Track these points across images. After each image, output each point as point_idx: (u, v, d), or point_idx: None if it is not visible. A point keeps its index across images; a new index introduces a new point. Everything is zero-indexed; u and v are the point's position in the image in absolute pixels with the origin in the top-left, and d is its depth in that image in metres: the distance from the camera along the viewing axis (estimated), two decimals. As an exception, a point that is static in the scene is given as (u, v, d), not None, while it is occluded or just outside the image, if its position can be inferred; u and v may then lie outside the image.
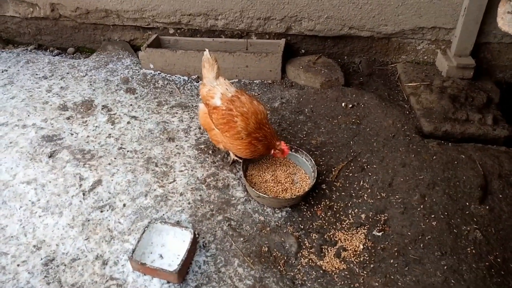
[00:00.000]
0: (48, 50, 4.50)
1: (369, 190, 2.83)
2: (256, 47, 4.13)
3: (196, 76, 3.95)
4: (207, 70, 2.86)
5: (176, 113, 3.53)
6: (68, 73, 4.00)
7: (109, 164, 3.01)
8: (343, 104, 3.52)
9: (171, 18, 4.12)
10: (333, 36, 4.08)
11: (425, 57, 4.11)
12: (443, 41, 3.96)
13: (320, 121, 3.40)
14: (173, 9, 4.05)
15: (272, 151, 2.76)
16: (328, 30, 3.99)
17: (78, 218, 2.64)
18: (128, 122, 3.41)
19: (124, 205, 2.72)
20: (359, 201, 2.77)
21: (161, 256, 2.40)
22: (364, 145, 3.15)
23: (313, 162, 2.82)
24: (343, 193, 2.83)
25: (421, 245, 2.46)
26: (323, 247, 2.50)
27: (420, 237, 2.50)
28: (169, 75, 3.99)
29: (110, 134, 3.29)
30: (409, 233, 2.53)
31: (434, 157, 2.94)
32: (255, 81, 3.92)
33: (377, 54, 4.19)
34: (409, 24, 3.86)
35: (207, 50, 2.88)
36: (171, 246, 2.45)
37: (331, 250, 2.49)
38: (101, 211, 2.68)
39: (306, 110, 3.54)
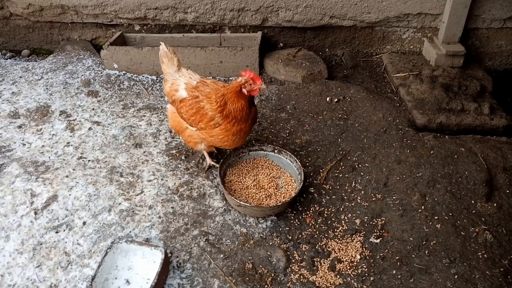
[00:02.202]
0: (0, 53, 4.06)
1: (363, 192, 2.54)
2: (231, 42, 3.80)
3: (165, 75, 3.59)
4: (166, 65, 2.61)
5: (144, 116, 3.17)
6: (21, 77, 3.58)
7: (67, 176, 2.63)
8: (327, 98, 3.23)
9: (136, 13, 3.76)
10: (313, 27, 3.79)
11: (411, 47, 3.87)
12: (429, 28, 3.73)
13: (303, 118, 3.10)
14: (137, 3, 3.69)
15: (247, 93, 2.33)
16: (308, 20, 3.70)
17: (28, 241, 2.26)
18: (90, 128, 3.04)
19: (84, 223, 2.36)
20: (352, 204, 2.49)
21: (127, 281, 2.09)
22: (353, 142, 2.86)
23: (299, 163, 2.52)
24: (333, 197, 2.54)
25: (426, 252, 2.17)
26: (315, 259, 2.22)
27: (424, 242, 2.22)
28: (135, 75, 3.63)
29: (68, 143, 2.91)
30: (411, 239, 2.25)
31: (432, 152, 2.67)
32: (231, 78, 3.59)
33: (361, 45, 3.92)
34: (394, 10, 3.61)
35: (162, 43, 2.61)
36: (139, 269, 2.14)
37: (324, 263, 2.21)
38: (57, 232, 2.31)
39: (288, 107, 3.23)
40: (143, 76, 3.62)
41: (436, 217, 2.32)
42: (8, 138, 2.93)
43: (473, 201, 2.39)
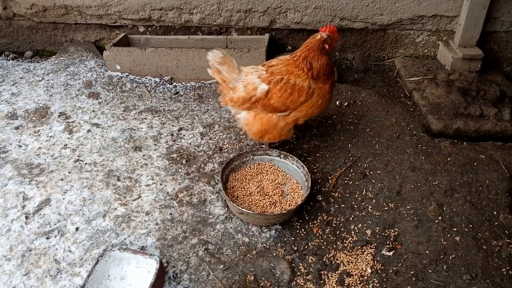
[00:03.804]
0: (3, 55, 3.99)
1: (374, 201, 2.37)
2: (237, 44, 3.68)
3: (169, 77, 3.48)
4: (227, 72, 2.45)
5: (145, 118, 3.05)
6: (22, 78, 3.50)
7: (62, 179, 2.51)
8: (337, 102, 3.08)
9: (140, 14, 3.66)
10: (322, 30, 3.65)
11: (425, 50, 3.71)
12: (444, 31, 3.57)
13: (312, 122, 2.95)
14: (142, 3, 3.60)
15: (328, 48, 2.36)
16: (317, 22, 3.57)
17: (17, 247, 2.14)
18: (89, 131, 2.92)
19: (77, 229, 2.23)
20: (363, 214, 2.32)
21: (119, 293, 1.92)
22: (364, 148, 2.70)
23: (306, 169, 2.37)
24: (343, 205, 2.37)
25: (444, 267, 1.99)
26: (322, 272, 2.06)
27: (441, 256, 2.04)
28: (138, 77, 3.51)
29: (66, 145, 2.79)
30: (427, 252, 2.07)
31: (449, 159, 2.49)
32: (236, 81, 3.46)
33: (372, 49, 3.77)
34: (407, 12, 3.46)
35: (215, 50, 2.45)
36: (133, 279, 2.00)
37: (332, 276, 2.04)
38: (47, 238, 2.18)
39: (296, 110, 3.08)
40: (146, 78, 3.51)
41: (454, 229, 2.14)
42: (4, 139, 2.83)
43: (495, 212, 2.20)
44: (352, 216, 2.31)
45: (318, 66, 2.34)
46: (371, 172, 2.53)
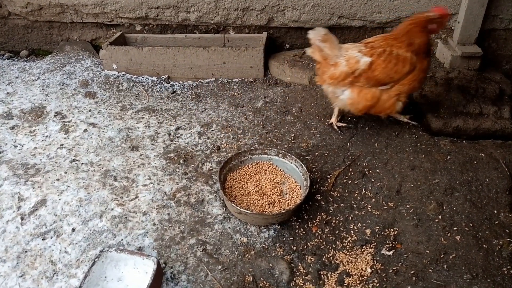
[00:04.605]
0: (-2, 54, 3.96)
1: (373, 200, 2.35)
2: (235, 43, 3.66)
3: (166, 76, 3.45)
4: (330, 49, 2.48)
5: (142, 118, 3.02)
6: (17, 77, 3.46)
7: (58, 180, 2.48)
8: (336, 101, 3.05)
9: (137, 13, 3.63)
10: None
11: (424, 49, 3.69)
12: (443, 29, 3.54)
13: (310, 121, 2.92)
14: (138, 2, 3.56)
15: (432, 27, 2.42)
16: (315, 20, 3.54)
17: (12, 249, 2.11)
18: (85, 130, 2.89)
19: (73, 229, 2.20)
20: (362, 213, 2.30)
21: (116, 294, 1.90)
22: (363, 147, 2.67)
23: (305, 168, 2.34)
24: (342, 205, 2.35)
25: (445, 266, 1.97)
26: (321, 272, 2.03)
27: (442, 255, 2.02)
28: (135, 76, 3.48)
29: (62, 145, 2.76)
30: (427, 251, 2.05)
31: (449, 157, 2.47)
32: (234, 80, 3.43)
33: (370, 47, 3.75)
34: (406, 10, 3.44)
35: (317, 28, 2.48)
36: (130, 280, 1.98)
37: (331, 276, 2.02)
38: (43, 239, 2.15)
39: (294, 109, 3.06)
40: (143, 77, 3.48)
41: (455, 228, 2.12)
42: (-1, 139, 2.80)
43: (495, 211, 2.18)
44: (352, 216, 2.29)
45: (419, 43, 2.40)
46: (370, 171, 2.51)
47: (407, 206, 2.28)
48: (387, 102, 2.51)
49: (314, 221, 2.26)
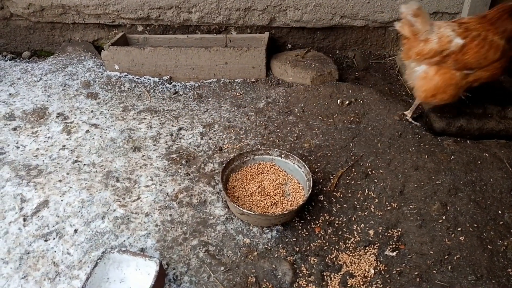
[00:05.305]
0: (0, 55, 3.95)
1: (377, 200, 2.34)
2: (236, 43, 3.65)
3: (168, 77, 3.44)
4: (421, 23, 2.42)
5: (144, 118, 3.01)
6: (19, 79, 3.46)
7: (60, 181, 2.48)
8: (338, 101, 3.04)
9: (139, 13, 3.62)
10: (323, 28, 3.62)
11: (427, 48, 3.67)
12: None
13: (312, 122, 2.91)
14: (140, 2, 3.56)
15: None
16: (317, 20, 3.53)
17: (15, 250, 2.10)
18: (87, 131, 2.89)
19: (76, 231, 2.19)
20: (365, 214, 2.28)
21: (119, 295, 1.89)
22: (366, 147, 2.66)
23: (307, 169, 2.33)
24: (345, 205, 2.33)
25: (449, 267, 1.95)
26: (324, 273, 2.02)
27: (446, 256, 2.00)
28: (137, 77, 3.48)
29: (64, 146, 2.76)
30: (431, 252, 2.03)
31: (452, 157, 2.45)
32: (236, 80, 3.43)
33: (373, 47, 3.74)
34: (408, 9, 3.42)
35: (410, 1, 2.44)
36: (132, 282, 1.96)
37: (334, 278, 2.00)
38: (46, 240, 2.15)
39: (296, 109, 3.05)
40: (145, 78, 3.47)
41: (459, 229, 2.10)
42: (2, 140, 2.79)
43: (500, 211, 2.17)
44: (355, 216, 2.28)
45: (510, 29, 2.36)
46: (373, 172, 2.49)
47: (411, 206, 2.27)
48: (459, 89, 2.50)
49: (317, 222, 2.25)
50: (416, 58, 2.52)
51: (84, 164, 2.61)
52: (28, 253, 2.09)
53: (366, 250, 2.11)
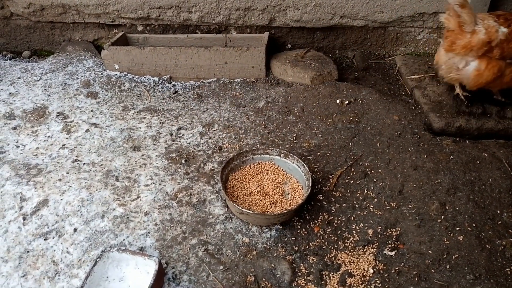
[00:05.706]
0: (0, 55, 3.96)
1: (376, 200, 2.34)
2: (236, 43, 3.65)
3: (168, 76, 3.44)
4: (468, 15, 2.43)
5: (144, 118, 3.02)
6: (19, 78, 3.47)
7: (60, 180, 2.48)
8: (338, 101, 3.04)
9: (139, 13, 3.63)
10: (322, 27, 3.62)
11: (426, 48, 3.68)
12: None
13: (312, 121, 2.92)
14: (140, 2, 3.56)
15: None
16: (317, 20, 3.53)
17: (14, 249, 2.10)
18: (87, 130, 2.89)
19: (75, 230, 2.20)
20: (364, 213, 2.28)
21: (118, 294, 1.89)
22: (365, 147, 2.66)
23: (307, 168, 2.33)
24: (344, 205, 2.34)
25: (448, 267, 1.96)
26: (323, 273, 2.02)
27: (444, 256, 2.00)
28: (137, 76, 3.48)
29: (64, 145, 2.76)
30: (429, 251, 2.04)
31: (451, 157, 2.46)
32: (236, 80, 3.43)
33: (373, 47, 3.74)
34: (408, 9, 3.43)
35: None
36: (132, 281, 1.97)
37: (333, 277, 2.00)
38: (45, 239, 2.15)
39: (296, 109, 3.05)
40: (144, 77, 3.48)
41: (457, 228, 2.11)
42: (2, 139, 2.79)
43: (498, 211, 2.17)
44: (354, 216, 2.28)
45: None
46: (373, 171, 2.50)
47: (410, 206, 2.27)
48: (509, 76, 2.51)
49: (316, 221, 2.26)
50: (462, 52, 2.51)
51: (84, 163, 2.61)
52: (28, 251, 2.09)
53: (365, 250, 2.11)
